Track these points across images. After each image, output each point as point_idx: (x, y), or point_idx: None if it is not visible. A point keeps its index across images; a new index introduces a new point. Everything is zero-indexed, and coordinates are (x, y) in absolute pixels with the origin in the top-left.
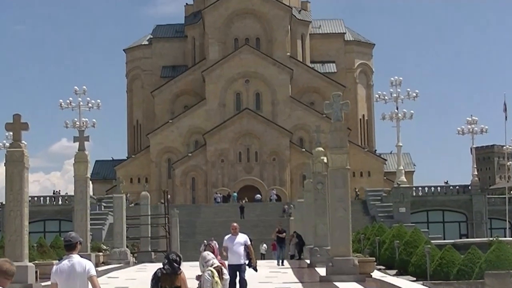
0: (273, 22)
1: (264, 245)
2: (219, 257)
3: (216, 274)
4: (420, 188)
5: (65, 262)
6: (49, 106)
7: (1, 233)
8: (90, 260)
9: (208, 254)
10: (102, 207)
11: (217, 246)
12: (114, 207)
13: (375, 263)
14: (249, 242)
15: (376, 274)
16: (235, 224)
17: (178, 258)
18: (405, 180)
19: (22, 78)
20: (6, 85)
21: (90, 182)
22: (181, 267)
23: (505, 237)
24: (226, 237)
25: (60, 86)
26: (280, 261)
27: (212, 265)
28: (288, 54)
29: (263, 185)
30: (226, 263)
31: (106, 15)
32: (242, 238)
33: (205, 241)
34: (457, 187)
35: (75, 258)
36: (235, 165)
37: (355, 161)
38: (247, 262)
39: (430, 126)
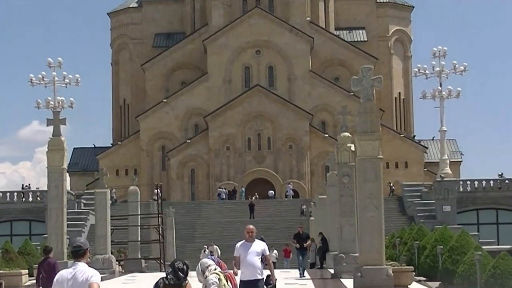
0: None
1: (275, 251)
2: (224, 266)
3: (223, 277)
4: (468, 182)
5: (69, 270)
6: (16, 81)
7: None
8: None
9: (209, 260)
10: (82, 205)
11: (219, 252)
12: (96, 205)
13: (414, 273)
14: (267, 252)
15: (414, 287)
16: (251, 226)
17: (185, 267)
18: (450, 172)
19: None
20: None
21: (67, 174)
22: (188, 277)
23: None
24: (239, 244)
25: (30, 58)
26: (301, 270)
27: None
28: (308, 19)
29: (277, 178)
30: (237, 278)
31: None
32: (259, 246)
33: (205, 246)
34: None
35: (81, 266)
36: (243, 154)
37: (389, 149)
38: (264, 277)
39: (482, 106)
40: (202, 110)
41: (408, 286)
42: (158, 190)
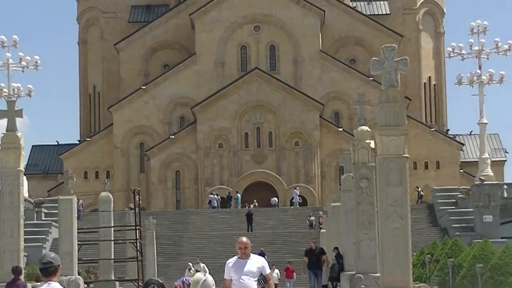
0: None
1: (276, 270)
2: None
3: None
4: None
5: None
6: None
7: None
8: None
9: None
10: (43, 215)
11: (207, 271)
12: (60, 215)
13: None
14: (267, 270)
15: None
16: (244, 239)
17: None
18: (492, 174)
19: None
20: None
21: (25, 178)
22: None
23: None
24: (230, 262)
25: None
26: None
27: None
28: None
29: (280, 182)
30: None
31: None
32: (255, 263)
33: (190, 264)
34: None
35: (55, 287)
36: (239, 152)
37: (418, 147)
38: None
39: None
40: (189, 99)
41: None
42: (137, 196)
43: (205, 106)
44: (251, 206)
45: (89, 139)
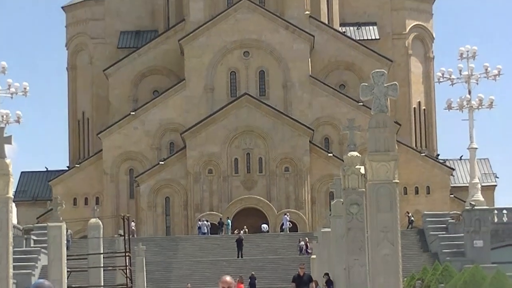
0: None
1: None
2: None
3: None
4: (505, 212)
5: None
6: None
7: None
8: None
9: None
10: (32, 242)
11: None
12: (49, 242)
13: None
14: None
15: None
16: (227, 278)
17: None
18: (482, 199)
19: None
20: None
21: (14, 204)
22: None
23: None
24: None
25: None
26: None
27: None
28: (307, 13)
29: (270, 207)
30: None
31: None
32: None
33: None
34: None
35: None
36: (229, 178)
37: (408, 172)
38: None
39: None
40: (178, 124)
41: None
42: (131, 223)
43: (194, 132)
44: (241, 232)
45: (78, 165)
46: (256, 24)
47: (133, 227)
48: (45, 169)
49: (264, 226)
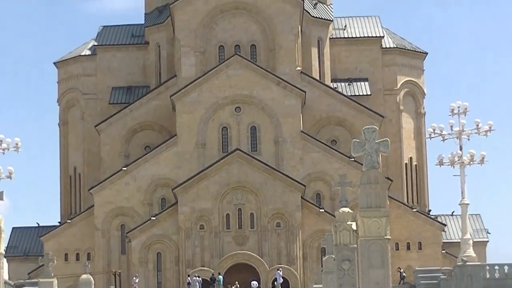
0: (276, 21)
1: None
2: None
3: None
4: (497, 268)
5: None
6: None
7: None
8: None
9: None
10: None
11: None
12: None
13: None
14: None
15: None
16: None
17: None
18: (474, 255)
19: None
20: None
21: (5, 260)
22: None
23: None
24: None
25: None
26: None
27: None
28: (299, 69)
29: (262, 263)
30: None
31: (29, 13)
32: None
33: None
34: None
35: None
36: (221, 234)
37: (399, 227)
38: None
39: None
40: (170, 180)
41: None
42: (133, 278)
43: (186, 187)
44: (233, 287)
45: (69, 220)
46: (248, 80)
47: (135, 284)
48: (37, 225)
49: (254, 283)
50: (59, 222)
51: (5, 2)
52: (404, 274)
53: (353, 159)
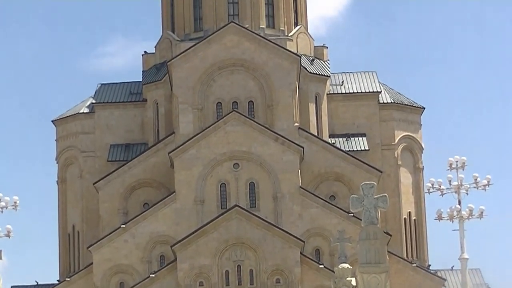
0: (273, 77)
1: None
2: None
3: None
4: None
5: None
6: None
7: None
8: None
9: None
10: None
11: None
12: None
13: None
14: None
15: None
16: None
17: None
18: None
19: None
20: None
21: None
22: None
23: None
24: None
25: None
26: None
27: None
28: (297, 124)
29: None
30: None
31: (27, 70)
32: None
33: None
34: None
35: None
36: None
37: (399, 282)
38: None
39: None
40: (169, 237)
41: None
42: None
43: (185, 244)
44: None
45: (68, 279)
46: (246, 136)
47: None
48: (36, 283)
49: None
50: (58, 280)
51: (2, 60)
52: None
53: (352, 215)
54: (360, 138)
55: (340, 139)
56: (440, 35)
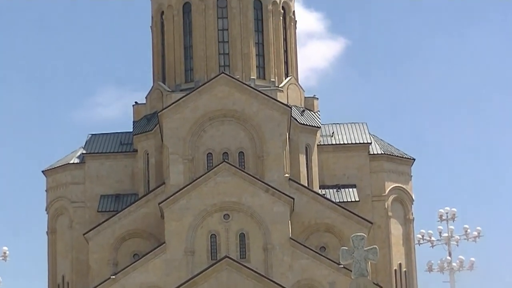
0: (264, 128)
1: None
2: None
3: None
4: None
5: None
6: None
7: None
8: None
9: None
10: None
11: None
12: None
13: None
14: None
15: None
16: None
17: None
18: None
19: None
20: None
21: None
22: None
23: None
24: None
25: None
26: None
27: None
28: (287, 175)
29: None
30: None
31: (18, 120)
32: None
33: None
34: None
35: None
36: None
37: None
38: None
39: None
40: None
41: None
42: None
43: None
44: None
45: None
46: (236, 187)
47: None
48: None
49: None
50: None
51: None
52: None
53: (342, 266)
54: (351, 189)
55: (331, 190)
56: (430, 86)
